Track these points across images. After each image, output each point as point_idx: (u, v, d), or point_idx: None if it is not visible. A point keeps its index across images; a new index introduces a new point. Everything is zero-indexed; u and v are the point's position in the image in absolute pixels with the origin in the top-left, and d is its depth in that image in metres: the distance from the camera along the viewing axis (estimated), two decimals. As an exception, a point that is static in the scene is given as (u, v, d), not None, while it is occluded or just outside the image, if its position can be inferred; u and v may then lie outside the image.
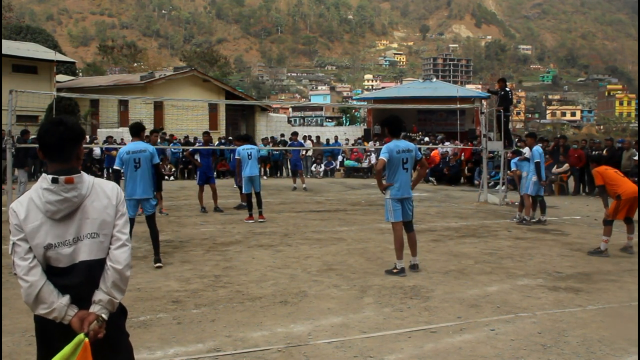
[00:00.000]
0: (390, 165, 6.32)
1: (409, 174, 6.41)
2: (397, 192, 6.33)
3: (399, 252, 6.34)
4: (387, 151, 6.30)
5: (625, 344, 4.17)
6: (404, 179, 6.35)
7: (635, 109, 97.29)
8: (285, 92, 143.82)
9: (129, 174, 6.81)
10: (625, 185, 7.37)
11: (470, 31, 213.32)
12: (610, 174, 7.51)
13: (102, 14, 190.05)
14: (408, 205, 6.44)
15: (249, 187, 10.29)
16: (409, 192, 6.40)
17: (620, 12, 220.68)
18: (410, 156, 6.38)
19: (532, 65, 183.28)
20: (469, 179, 18.89)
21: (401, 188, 6.34)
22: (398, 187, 6.33)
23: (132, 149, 6.86)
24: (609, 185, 7.45)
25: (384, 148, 6.42)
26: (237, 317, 4.78)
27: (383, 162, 6.30)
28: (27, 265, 2.20)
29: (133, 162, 6.80)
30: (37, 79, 29.59)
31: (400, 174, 6.32)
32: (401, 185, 6.33)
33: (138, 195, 6.80)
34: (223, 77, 46.59)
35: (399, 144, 6.38)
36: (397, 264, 6.32)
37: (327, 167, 22.63)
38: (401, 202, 6.37)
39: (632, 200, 7.32)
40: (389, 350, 4.04)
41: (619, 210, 7.34)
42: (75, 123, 2.37)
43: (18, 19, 51.57)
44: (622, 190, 7.29)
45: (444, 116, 27.73)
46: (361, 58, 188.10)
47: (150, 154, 6.89)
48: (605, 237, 7.38)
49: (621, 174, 7.73)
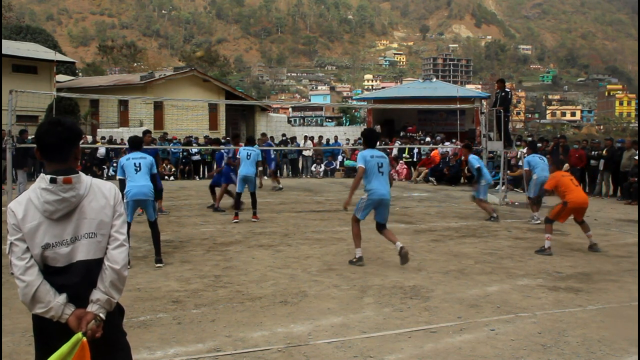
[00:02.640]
0: (367, 170, 6.68)
1: (385, 178, 6.77)
2: (373, 193, 6.66)
3: (356, 241, 6.86)
4: (362, 158, 6.71)
5: (625, 344, 4.16)
6: (381, 180, 6.70)
7: (635, 109, 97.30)
8: (285, 92, 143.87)
9: (130, 176, 6.93)
10: (575, 194, 7.61)
11: (470, 31, 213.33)
12: (566, 181, 7.81)
13: (102, 14, 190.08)
14: (383, 208, 6.76)
15: (242, 187, 10.40)
16: (385, 194, 6.71)
17: (620, 12, 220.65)
18: (385, 161, 6.80)
19: (532, 65, 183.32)
20: (469, 179, 18.88)
21: (378, 190, 6.67)
22: (375, 189, 6.67)
23: (133, 156, 7.11)
24: (560, 190, 7.73)
25: (359, 156, 6.82)
26: (237, 317, 4.78)
27: (362, 169, 6.67)
28: (24, 265, 2.21)
29: (133, 165, 6.95)
30: (37, 79, 29.59)
31: (376, 177, 6.68)
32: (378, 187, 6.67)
33: (138, 197, 6.83)
34: (222, 77, 46.60)
35: (373, 152, 6.81)
36: (356, 253, 6.83)
37: (327, 167, 22.63)
38: (376, 204, 6.71)
39: (577, 210, 7.66)
40: (389, 350, 4.04)
41: (561, 214, 7.59)
42: (73, 123, 2.37)
43: (18, 19, 51.55)
44: (570, 197, 7.54)
45: (444, 116, 27.71)
46: (361, 58, 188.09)
47: (150, 162, 7.07)
48: (548, 234, 7.50)
49: (576, 183, 8.00)
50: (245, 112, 33.49)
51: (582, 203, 7.66)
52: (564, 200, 7.57)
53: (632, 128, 67.94)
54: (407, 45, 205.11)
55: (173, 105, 28.89)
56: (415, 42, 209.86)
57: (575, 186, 7.81)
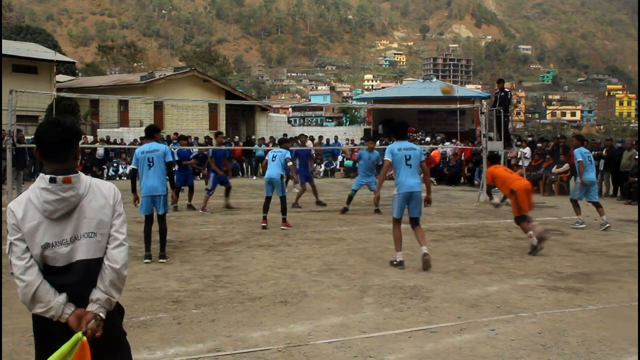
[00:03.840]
0: (394, 163, 6.62)
1: (413, 169, 6.62)
2: (401, 186, 6.59)
3: (397, 245, 6.69)
4: (389, 151, 6.65)
5: (625, 344, 4.16)
6: (408, 173, 6.58)
7: (635, 109, 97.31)
8: (285, 92, 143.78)
9: (144, 172, 7.13)
10: (514, 180, 7.78)
11: (470, 31, 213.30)
12: (500, 172, 7.96)
13: (102, 14, 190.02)
14: (415, 202, 6.63)
15: (269, 190, 9.71)
16: (414, 187, 6.58)
17: (620, 12, 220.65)
18: (413, 153, 6.64)
19: (532, 65, 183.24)
20: (469, 179, 18.90)
21: (405, 183, 6.56)
22: (402, 182, 6.58)
23: (147, 149, 7.18)
24: (500, 183, 7.83)
25: (387, 149, 6.73)
26: (237, 317, 4.78)
27: (388, 162, 6.63)
28: (23, 265, 2.21)
29: (147, 161, 7.11)
30: (37, 79, 29.61)
31: (404, 170, 6.58)
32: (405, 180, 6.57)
33: (151, 192, 7.04)
34: (222, 77, 46.59)
35: (401, 144, 6.72)
36: (397, 257, 6.67)
37: (327, 167, 22.63)
38: (407, 199, 6.60)
39: (527, 192, 7.63)
40: (389, 350, 4.03)
41: (521, 204, 7.52)
42: (72, 123, 2.38)
43: (18, 19, 51.62)
44: (513, 185, 7.60)
45: (444, 116, 27.73)
46: (361, 58, 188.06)
47: (163, 152, 7.17)
48: (529, 232, 7.44)
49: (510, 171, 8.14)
50: (245, 112, 33.49)
51: (526, 184, 7.77)
52: (510, 189, 7.62)
53: (632, 128, 67.96)
54: (407, 45, 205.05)
55: (173, 105, 28.90)
56: (415, 42, 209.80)
57: (511, 173, 8.06)
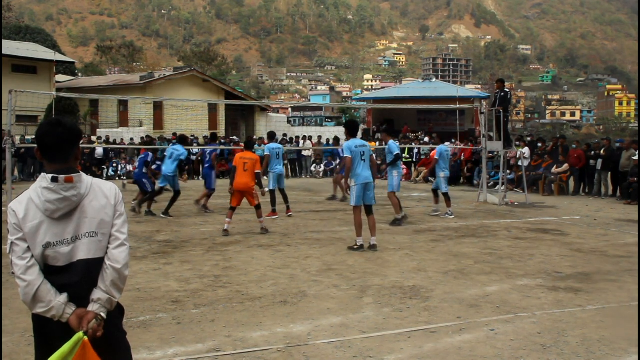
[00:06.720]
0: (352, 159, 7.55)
1: (367, 163, 7.62)
2: (358, 178, 7.50)
3: (357, 230, 7.59)
4: (347, 148, 7.56)
5: (625, 344, 4.16)
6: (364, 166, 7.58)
7: (635, 109, 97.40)
8: (285, 92, 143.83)
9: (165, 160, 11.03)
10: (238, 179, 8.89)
11: (470, 31, 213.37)
12: (236, 159, 9.06)
13: (101, 14, 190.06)
14: (368, 191, 7.60)
15: (276, 184, 11.06)
16: (368, 177, 7.58)
17: (620, 12, 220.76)
18: (366, 150, 7.65)
19: (532, 65, 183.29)
20: (468, 179, 18.89)
21: (362, 175, 7.52)
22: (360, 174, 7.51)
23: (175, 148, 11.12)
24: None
25: (344, 147, 7.66)
26: (237, 317, 4.78)
27: (349, 159, 7.50)
28: (24, 265, 2.21)
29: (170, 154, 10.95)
30: (36, 79, 29.62)
31: (359, 164, 7.55)
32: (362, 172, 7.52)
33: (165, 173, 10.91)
34: (221, 77, 46.59)
35: (355, 142, 7.70)
36: (357, 241, 7.58)
37: (327, 167, 22.62)
38: (364, 188, 7.53)
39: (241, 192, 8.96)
40: (388, 350, 4.04)
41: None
42: (73, 124, 2.37)
43: (18, 19, 51.59)
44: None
45: (443, 116, 27.74)
46: (361, 58, 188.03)
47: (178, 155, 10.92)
48: (225, 219, 8.96)
49: (246, 168, 8.94)
50: (245, 112, 33.52)
51: (240, 185, 8.88)
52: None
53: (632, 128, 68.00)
54: (407, 45, 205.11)
55: (173, 105, 28.91)
56: (415, 42, 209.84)
57: (244, 171, 8.89)
